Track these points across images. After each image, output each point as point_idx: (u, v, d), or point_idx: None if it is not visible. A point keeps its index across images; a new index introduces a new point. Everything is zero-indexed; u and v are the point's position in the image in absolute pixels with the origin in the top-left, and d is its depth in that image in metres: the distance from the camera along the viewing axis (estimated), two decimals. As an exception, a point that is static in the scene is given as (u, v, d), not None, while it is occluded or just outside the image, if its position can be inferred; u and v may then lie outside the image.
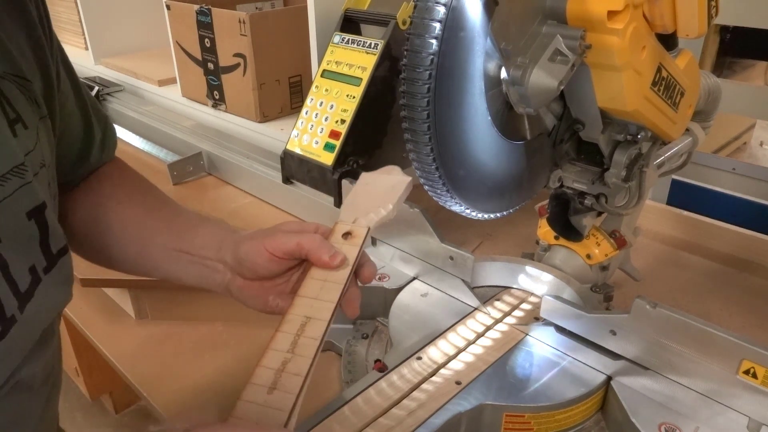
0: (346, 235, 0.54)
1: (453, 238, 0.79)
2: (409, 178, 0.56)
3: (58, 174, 0.56)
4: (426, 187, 0.69)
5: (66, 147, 0.60)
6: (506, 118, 0.67)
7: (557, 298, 0.70)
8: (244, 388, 0.45)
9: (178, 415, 0.55)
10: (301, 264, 0.57)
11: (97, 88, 1.63)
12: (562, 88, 0.57)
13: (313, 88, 1.05)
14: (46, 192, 0.51)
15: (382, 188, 0.56)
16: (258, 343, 0.82)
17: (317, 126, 1.03)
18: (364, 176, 0.57)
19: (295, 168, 1.08)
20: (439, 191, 0.68)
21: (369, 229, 0.54)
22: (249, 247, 0.56)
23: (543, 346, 0.71)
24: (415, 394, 0.64)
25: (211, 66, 1.37)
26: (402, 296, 0.82)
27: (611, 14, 0.55)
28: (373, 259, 0.55)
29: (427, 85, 0.59)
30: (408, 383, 0.65)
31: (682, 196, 1.32)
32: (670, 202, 1.26)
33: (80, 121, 0.62)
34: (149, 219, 0.63)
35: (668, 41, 0.65)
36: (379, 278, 0.85)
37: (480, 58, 0.61)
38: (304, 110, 1.06)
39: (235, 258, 0.57)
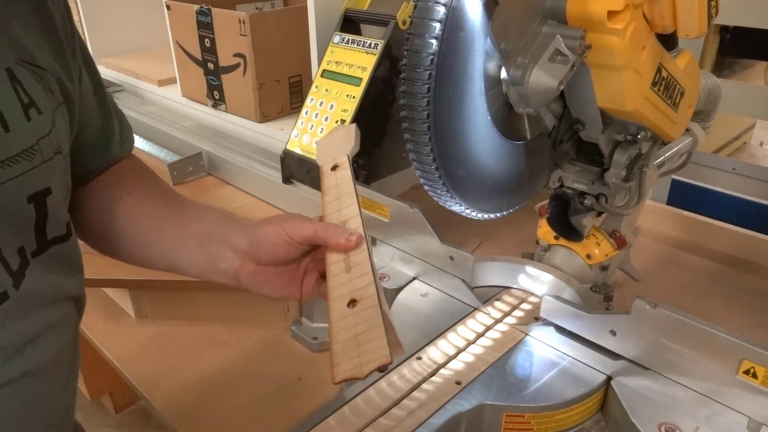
0: (334, 167, 0.61)
1: (453, 238, 0.79)
2: (354, 125, 0.65)
3: (77, 166, 0.58)
4: (426, 187, 0.69)
5: (85, 138, 0.61)
6: (506, 118, 0.67)
7: (557, 298, 0.70)
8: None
9: None
10: (310, 253, 0.58)
11: (97, 88, 1.63)
12: (562, 88, 0.57)
13: (313, 88, 1.05)
14: (59, 179, 0.52)
15: (338, 138, 0.64)
16: (258, 343, 0.83)
17: (317, 126, 1.03)
18: (320, 141, 0.66)
19: (295, 168, 1.08)
20: (439, 191, 0.68)
21: (348, 156, 0.61)
22: (267, 230, 0.56)
23: (543, 346, 0.71)
24: (415, 394, 0.64)
25: (211, 66, 1.37)
26: (402, 296, 0.82)
27: (611, 14, 0.55)
28: (373, 259, 0.55)
29: (427, 85, 0.59)
30: (408, 383, 0.65)
31: (682, 196, 1.32)
32: (670, 202, 1.26)
33: (99, 115, 0.63)
34: (155, 207, 0.63)
35: (668, 41, 0.65)
36: (380, 278, 0.85)
37: (480, 58, 0.61)
38: (304, 110, 1.06)
39: (251, 242, 0.57)
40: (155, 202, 0.64)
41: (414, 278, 0.85)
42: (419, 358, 0.69)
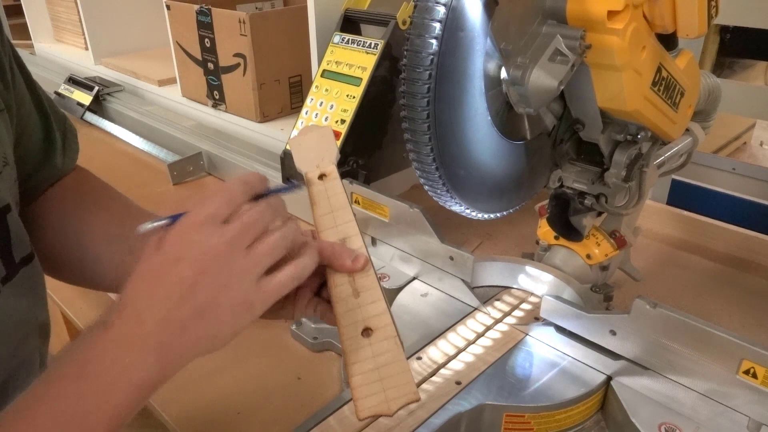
0: (321, 176, 0.57)
1: (453, 238, 0.79)
2: (329, 127, 0.60)
3: (21, 178, 0.51)
4: (426, 187, 0.69)
5: (26, 148, 0.55)
6: (506, 118, 0.67)
7: (557, 298, 0.70)
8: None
9: None
10: None
11: (97, 88, 1.63)
12: (562, 88, 0.57)
13: (313, 88, 1.05)
14: (10, 193, 0.47)
15: (316, 141, 0.59)
16: (258, 343, 0.82)
17: (317, 126, 1.03)
18: (295, 142, 0.60)
19: (295, 168, 1.07)
20: (439, 191, 0.68)
21: (334, 165, 0.57)
22: None
23: (543, 346, 0.71)
24: (415, 394, 0.64)
25: (211, 66, 1.37)
26: (402, 296, 0.82)
27: (611, 14, 0.55)
28: (373, 259, 0.55)
29: (427, 85, 0.59)
30: (408, 383, 0.65)
31: (682, 196, 1.32)
32: (670, 202, 1.26)
33: (39, 121, 0.57)
34: (125, 227, 0.56)
35: (668, 41, 0.65)
36: (380, 278, 0.85)
37: (480, 58, 0.61)
38: (304, 110, 1.06)
39: None
40: (123, 221, 0.57)
41: (414, 278, 0.85)
42: (419, 358, 0.69)
